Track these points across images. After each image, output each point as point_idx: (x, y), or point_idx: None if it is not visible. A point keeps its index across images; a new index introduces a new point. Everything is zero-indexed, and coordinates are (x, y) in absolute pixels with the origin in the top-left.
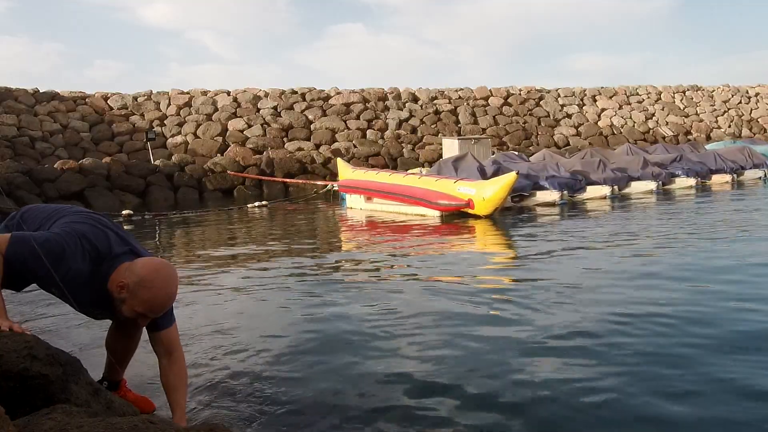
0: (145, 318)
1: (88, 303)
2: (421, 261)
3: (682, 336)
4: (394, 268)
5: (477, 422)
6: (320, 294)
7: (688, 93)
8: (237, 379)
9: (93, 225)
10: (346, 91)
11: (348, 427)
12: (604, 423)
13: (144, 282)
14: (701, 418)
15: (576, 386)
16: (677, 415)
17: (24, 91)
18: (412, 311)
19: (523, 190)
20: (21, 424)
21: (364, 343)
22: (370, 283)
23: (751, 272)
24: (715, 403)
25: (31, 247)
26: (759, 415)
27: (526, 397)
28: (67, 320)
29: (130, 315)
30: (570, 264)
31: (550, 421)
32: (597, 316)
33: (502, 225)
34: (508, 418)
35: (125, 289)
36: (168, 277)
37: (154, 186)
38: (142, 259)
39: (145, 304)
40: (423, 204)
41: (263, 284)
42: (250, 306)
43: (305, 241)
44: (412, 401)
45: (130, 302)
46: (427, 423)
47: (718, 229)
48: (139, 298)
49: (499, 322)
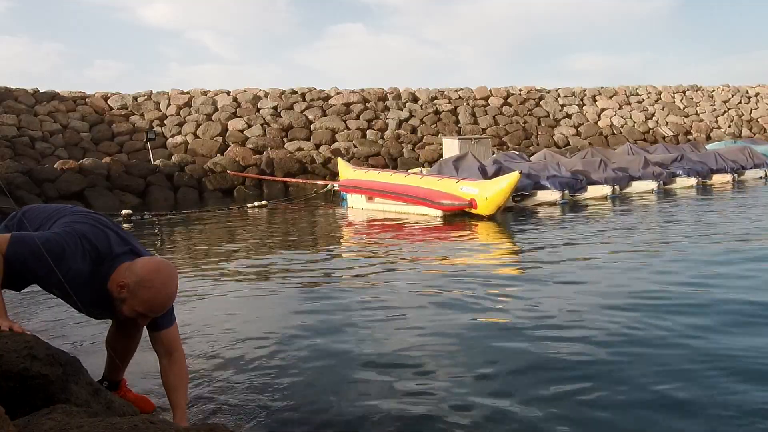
0: (146, 318)
1: (88, 303)
2: (422, 258)
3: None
4: (396, 268)
5: (476, 420)
6: (321, 293)
7: (688, 93)
8: (237, 378)
9: (93, 225)
10: (346, 91)
11: (348, 425)
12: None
13: (144, 282)
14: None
15: (573, 380)
16: (677, 400)
17: (24, 91)
18: (413, 309)
19: (524, 189)
20: (21, 424)
21: (364, 341)
22: (371, 281)
23: (744, 267)
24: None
25: (31, 247)
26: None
27: (525, 395)
28: (67, 320)
29: (131, 315)
30: (570, 261)
31: (550, 421)
32: (597, 313)
33: (502, 224)
34: (508, 416)
35: (125, 288)
36: (168, 276)
37: (154, 186)
38: (142, 258)
39: (145, 304)
40: (425, 204)
41: (261, 283)
42: (249, 305)
43: (305, 241)
44: (412, 399)
45: (130, 302)
46: (427, 420)
47: (718, 227)
48: (140, 297)
49: (501, 317)
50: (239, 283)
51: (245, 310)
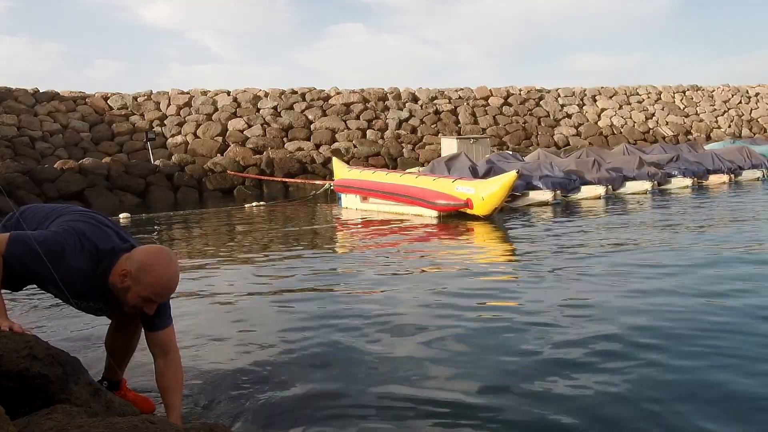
0: (152, 304)
1: (89, 299)
2: (414, 259)
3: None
4: (388, 267)
5: (475, 419)
6: (314, 292)
7: (688, 93)
8: (235, 377)
9: (93, 224)
10: (346, 91)
11: (348, 424)
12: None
13: (145, 266)
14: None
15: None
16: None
17: (24, 91)
18: (406, 308)
19: (516, 189)
20: (21, 424)
21: (361, 339)
22: (362, 281)
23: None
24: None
25: (30, 246)
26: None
27: (523, 393)
28: (67, 320)
29: (136, 303)
30: (560, 261)
31: (551, 418)
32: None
33: (495, 224)
34: (506, 415)
35: (128, 276)
36: (169, 259)
37: (154, 186)
38: (141, 247)
39: (149, 288)
40: (420, 204)
41: (255, 283)
42: (247, 304)
43: (296, 242)
44: (410, 396)
45: (134, 288)
46: (426, 416)
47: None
48: (143, 282)
49: (495, 316)
50: (232, 282)
51: (242, 311)
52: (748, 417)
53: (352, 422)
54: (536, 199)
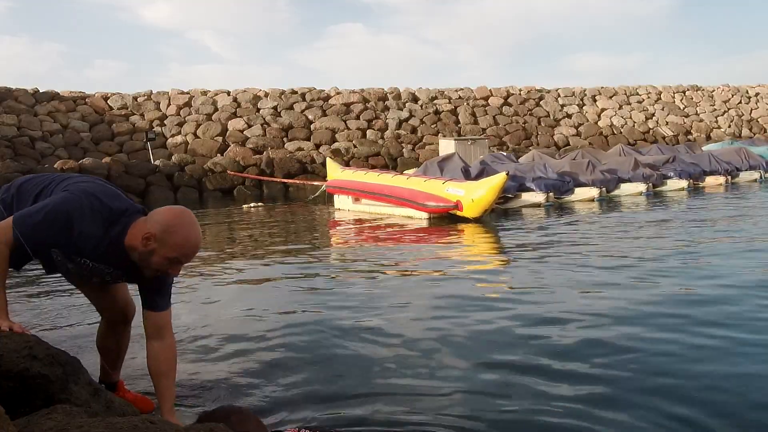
0: (178, 265)
1: (102, 264)
2: (404, 259)
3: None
4: (379, 267)
5: (476, 420)
6: (309, 290)
7: (688, 93)
8: (234, 376)
9: (101, 183)
10: (346, 91)
11: (347, 420)
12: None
13: (171, 227)
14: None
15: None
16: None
17: (24, 91)
18: (399, 306)
19: (508, 191)
20: (21, 424)
21: (358, 336)
22: (354, 280)
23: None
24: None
25: (35, 222)
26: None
27: (520, 391)
28: (67, 320)
29: (161, 266)
30: (548, 260)
31: (549, 419)
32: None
33: (484, 226)
34: (505, 414)
35: (152, 239)
36: (192, 218)
37: (154, 186)
38: (160, 209)
39: (178, 248)
40: (410, 205)
41: (250, 282)
42: (245, 304)
43: (285, 241)
44: (408, 392)
45: (160, 251)
46: (426, 411)
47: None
48: (170, 243)
49: (489, 312)
50: (230, 280)
51: (240, 310)
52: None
53: (351, 416)
54: (529, 201)
